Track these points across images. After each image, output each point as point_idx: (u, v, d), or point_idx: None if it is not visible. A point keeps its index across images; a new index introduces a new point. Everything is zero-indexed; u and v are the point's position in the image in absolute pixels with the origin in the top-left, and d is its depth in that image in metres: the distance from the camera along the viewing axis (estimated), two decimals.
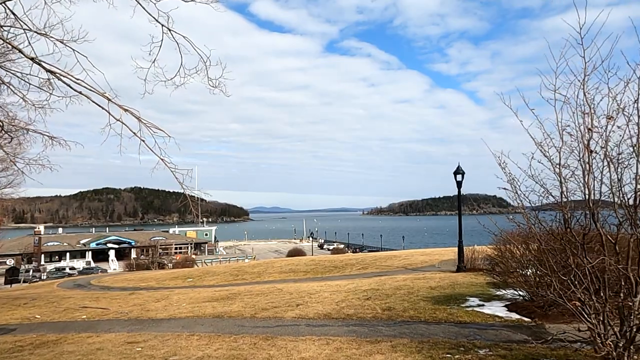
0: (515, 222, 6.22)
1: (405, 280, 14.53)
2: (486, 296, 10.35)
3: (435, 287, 12.35)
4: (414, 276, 16.08)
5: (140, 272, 39.22)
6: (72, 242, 71.29)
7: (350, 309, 9.31)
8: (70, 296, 16.14)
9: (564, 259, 4.96)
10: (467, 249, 17.78)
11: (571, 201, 4.71)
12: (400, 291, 11.82)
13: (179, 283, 22.48)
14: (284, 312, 9.42)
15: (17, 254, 60.55)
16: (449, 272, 16.87)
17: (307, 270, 22.23)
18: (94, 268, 59.83)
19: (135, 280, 26.23)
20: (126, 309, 11.42)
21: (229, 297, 12.47)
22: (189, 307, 10.88)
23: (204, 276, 24.17)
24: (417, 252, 28.39)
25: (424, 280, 14.18)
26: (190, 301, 12.15)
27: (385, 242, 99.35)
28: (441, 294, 10.95)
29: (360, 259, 25.83)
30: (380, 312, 8.77)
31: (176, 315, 9.81)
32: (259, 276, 22.20)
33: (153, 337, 7.79)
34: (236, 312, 9.74)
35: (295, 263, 25.62)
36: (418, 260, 22.75)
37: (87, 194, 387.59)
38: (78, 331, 8.95)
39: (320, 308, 9.55)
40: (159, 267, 53.76)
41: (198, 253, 78.54)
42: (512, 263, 8.83)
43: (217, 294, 13.35)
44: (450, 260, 21.72)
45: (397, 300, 10.02)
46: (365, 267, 21.81)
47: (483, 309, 8.66)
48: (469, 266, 17.22)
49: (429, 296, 10.65)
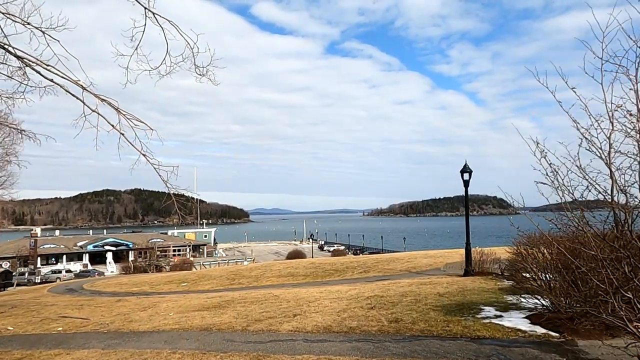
0: (555, 223, 5.27)
1: (410, 286, 13.59)
2: (502, 305, 9.42)
3: (443, 294, 11.41)
4: (419, 281, 15.15)
5: (135, 275, 38.30)
6: (69, 244, 70.29)
7: (353, 320, 8.37)
8: (55, 303, 15.21)
9: (615, 268, 4.03)
10: (475, 251, 16.83)
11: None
12: (407, 298, 10.89)
13: (173, 288, 21.55)
14: (279, 324, 8.47)
15: (13, 256, 59.56)
16: (456, 276, 15.95)
17: (306, 274, 21.30)
18: (91, 271, 58.85)
19: (129, 284, 25.29)
20: (108, 319, 10.50)
21: (221, 305, 11.52)
22: (176, 318, 9.94)
23: (199, 280, 23.23)
24: (420, 254, 27.45)
25: (430, 286, 13.24)
26: (178, 310, 11.21)
27: (385, 243, 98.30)
28: (452, 302, 10.01)
29: (361, 261, 24.89)
30: (386, 325, 7.83)
31: (160, 328, 8.87)
32: (256, 280, 21.27)
33: (129, 356, 6.84)
34: (227, 323, 8.80)
35: (294, 266, 24.68)
36: (422, 263, 21.81)
37: (87, 195, 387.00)
38: (49, 347, 8.02)
39: (320, 319, 8.61)
40: (157, 270, 52.85)
41: (197, 255, 77.55)
42: (534, 267, 7.89)
43: (209, 302, 12.41)
44: (456, 263, 20.79)
45: (405, 310, 9.08)
46: (367, 271, 20.88)
47: (502, 321, 7.71)
48: (477, 270, 16.27)
49: (439, 305, 9.71)
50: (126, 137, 8.13)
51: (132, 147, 8.23)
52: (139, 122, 8.20)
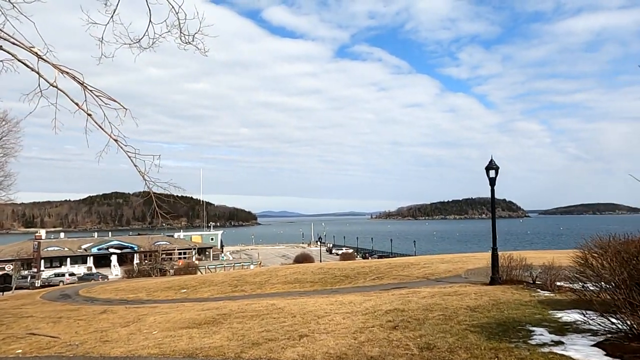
0: None
1: (433, 297, 11.89)
2: (553, 325, 7.70)
3: (475, 308, 9.71)
4: (441, 290, 13.43)
5: (136, 280, 36.90)
6: (73, 247, 69.25)
7: (374, 345, 6.70)
8: (33, 314, 13.71)
9: None
10: (502, 257, 15.02)
11: None
12: (433, 314, 9.20)
13: (171, 295, 20.00)
14: (281, 349, 6.83)
15: (15, 259, 58.60)
16: (482, 285, 14.22)
17: (314, 281, 19.63)
18: (95, 274, 57.68)
19: (126, 290, 23.82)
20: (81, 337, 8.94)
21: (215, 320, 9.90)
22: (160, 337, 8.34)
23: (199, 287, 21.66)
24: (437, 259, 25.63)
25: (457, 297, 11.53)
26: (165, 326, 9.61)
27: (395, 246, 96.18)
28: (489, 320, 8.31)
29: (373, 266, 23.14)
30: (417, 354, 6.15)
31: (137, 352, 7.27)
32: (260, 287, 19.65)
33: None
34: (217, 347, 7.17)
35: (301, 272, 23.02)
36: (440, 268, 20.03)
37: (97, 198, 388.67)
38: None
39: (332, 343, 6.95)
40: (160, 274, 51.43)
41: (202, 258, 76.16)
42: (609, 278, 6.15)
43: (203, 315, 10.79)
44: (478, 269, 19.02)
45: (435, 332, 7.39)
46: (380, 277, 19.16)
47: (566, 351, 6.00)
48: (505, 277, 14.51)
49: (475, 323, 8.02)
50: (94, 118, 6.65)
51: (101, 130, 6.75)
52: (110, 100, 6.69)
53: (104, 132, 6.71)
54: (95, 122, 6.61)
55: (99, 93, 6.58)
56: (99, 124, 6.65)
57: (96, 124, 6.63)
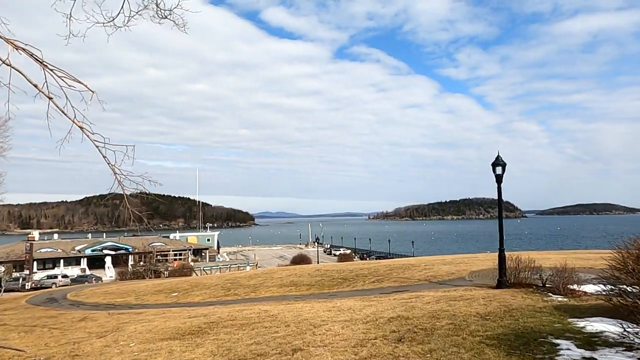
0: None
1: (438, 302, 11.02)
2: (578, 336, 6.85)
3: (486, 316, 8.86)
4: (446, 294, 12.57)
5: (128, 282, 35.90)
6: (66, 248, 68.01)
7: None
8: (7, 322, 12.72)
9: None
10: (510, 258, 14.12)
11: None
12: (441, 322, 8.33)
13: (160, 299, 19.07)
14: None
15: (6, 261, 57.44)
16: (488, 288, 13.36)
17: (311, 284, 18.73)
18: (89, 276, 56.60)
19: (115, 294, 22.87)
20: (50, 350, 8.03)
21: (201, 329, 8.99)
22: (137, 351, 7.44)
23: (191, 290, 20.73)
24: (438, 260, 24.76)
25: (464, 303, 10.67)
26: (145, 337, 8.70)
27: (393, 247, 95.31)
28: (505, 330, 7.45)
29: (372, 268, 22.24)
30: None
31: None
32: (254, 290, 18.74)
33: None
34: None
35: (297, 274, 22.11)
36: (442, 270, 19.15)
37: (93, 199, 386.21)
38: None
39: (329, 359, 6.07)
40: (155, 275, 50.42)
41: (198, 259, 75.08)
42: None
43: (189, 323, 9.88)
44: (482, 270, 18.18)
45: (447, 345, 6.52)
46: (380, 280, 18.28)
47: None
48: (513, 280, 13.62)
49: (490, 334, 7.16)
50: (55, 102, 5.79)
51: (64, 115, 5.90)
52: (75, 81, 5.81)
53: (66, 117, 5.85)
54: (56, 105, 5.74)
55: (61, 73, 5.70)
56: (61, 108, 5.79)
57: (58, 108, 5.77)
